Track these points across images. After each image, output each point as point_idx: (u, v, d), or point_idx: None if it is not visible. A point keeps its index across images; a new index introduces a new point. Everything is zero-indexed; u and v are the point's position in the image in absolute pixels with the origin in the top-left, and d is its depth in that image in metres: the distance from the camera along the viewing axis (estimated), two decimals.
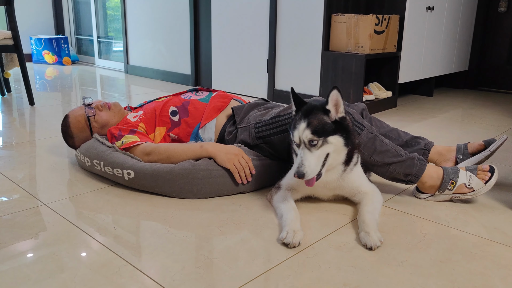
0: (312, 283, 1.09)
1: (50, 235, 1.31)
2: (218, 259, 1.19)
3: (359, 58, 2.94)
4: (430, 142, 1.85)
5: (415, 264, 1.18)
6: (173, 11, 4.31)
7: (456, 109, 3.34)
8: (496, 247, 1.28)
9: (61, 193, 1.63)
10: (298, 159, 1.32)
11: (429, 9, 3.38)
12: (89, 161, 1.75)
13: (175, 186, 1.57)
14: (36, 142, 2.27)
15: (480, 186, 1.52)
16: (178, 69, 4.41)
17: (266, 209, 1.51)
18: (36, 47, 5.64)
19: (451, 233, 1.36)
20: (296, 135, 1.33)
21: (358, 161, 1.50)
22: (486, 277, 1.12)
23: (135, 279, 1.09)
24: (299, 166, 1.30)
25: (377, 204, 1.46)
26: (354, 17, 2.98)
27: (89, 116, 1.87)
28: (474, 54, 4.22)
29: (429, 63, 3.61)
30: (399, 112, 3.19)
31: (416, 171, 1.54)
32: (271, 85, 3.47)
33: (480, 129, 2.70)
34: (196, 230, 1.35)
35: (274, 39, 3.36)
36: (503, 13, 4.04)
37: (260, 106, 1.87)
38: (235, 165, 1.59)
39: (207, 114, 1.84)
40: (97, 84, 4.29)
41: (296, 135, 1.33)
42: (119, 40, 5.36)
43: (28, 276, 1.10)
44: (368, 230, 1.28)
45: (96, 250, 1.23)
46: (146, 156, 1.67)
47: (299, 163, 1.30)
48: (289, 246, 1.24)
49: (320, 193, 1.54)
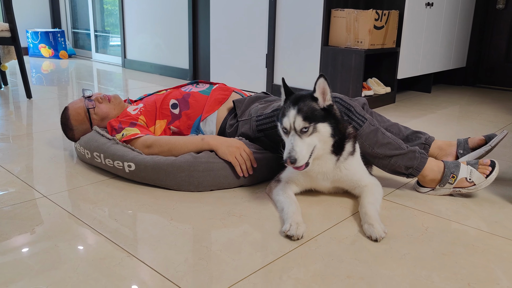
0: (315, 275, 1.08)
1: (51, 226, 1.30)
2: (221, 251, 1.18)
3: (358, 53, 2.94)
4: (431, 137, 1.85)
5: (417, 257, 1.18)
6: (171, 5, 4.29)
7: (454, 105, 3.34)
8: (498, 241, 1.28)
9: (61, 185, 1.62)
10: (289, 145, 1.31)
11: (428, 5, 3.38)
12: (89, 154, 1.74)
13: (176, 179, 1.56)
14: (33, 135, 2.25)
15: (481, 180, 1.52)
16: (176, 63, 4.39)
17: (268, 202, 1.51)
18: (32, 41, 5.59)
19: (452, 226, 1.36)
20: (286, 122, 1.32)
21: (354, 151, 1.48)
22: (489, 269, 1.13)
23: (137, 271, 1.09)
24: (291, 151, 1.29)
25: (378, 195, 1.46)
26: (353, 12, 2.97)
27: (89, 108, 1.86)
28: (472, 51, 4.22)
29: (427, 59, 3.61)
30: (397, 107, 3.20)
31: (418, 164, 1.54)
32: (270, 80, 3.46)
33: (478, 125, 2.71)
34: (198, 223, 1.35)
35: (273, 33, 3.35)
36: (501, 10, 4.05)
37: (261, 99, 1.86)
38: (236, 158, 1.58)
39: (208, 106, 1.83)
40: (94, 78, 4.26)
41: (286, 122, 1.32)
42: (116, 34, 5.33)
43: (30, 267, 1.09)
44: (372, 222, 1.28)
45: (98, 241, 1.22)
46: (147, 148, 1.66)
47: (290, 148, 1.30)
48: (292, 238, 1.24)
49: (320, 186, 1.54)
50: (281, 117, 1.36)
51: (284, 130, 1.35)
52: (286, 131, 1.34)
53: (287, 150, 1.31)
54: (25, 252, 1.16)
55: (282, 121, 1.35)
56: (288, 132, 1.33)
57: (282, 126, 1.35)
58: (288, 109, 1.34)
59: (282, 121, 1.35)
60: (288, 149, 1.30)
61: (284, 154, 1.31)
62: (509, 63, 4.09)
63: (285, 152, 1.31)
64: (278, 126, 1.40)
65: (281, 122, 1.36)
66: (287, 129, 1.33)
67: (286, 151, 1.30)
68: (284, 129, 1.34)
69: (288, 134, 1.33)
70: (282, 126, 1.35)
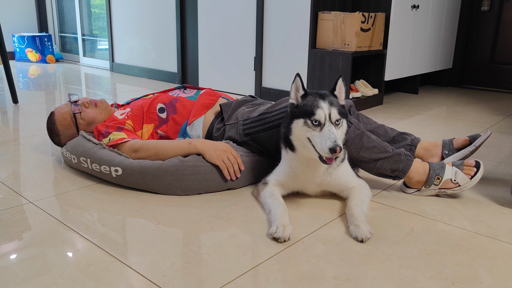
0: (302, 277, 1.09)
1: (36, 233, 1.29)
2: (208, 254, 1.19)
3: (345, 55, 2.96)
4: (417, 138, 1.87)
5: (403, 256, 1.19)
6: (159, 8, 4.28)
7: (440, 106, 3.38)
8: (482, 240, 1.30)
9: (47, 191, 1.61)
10: (328, 134, 1.30)
11: (414, 8, 3.42)
12: (76, 159, 1.73)
13: (164, 183, 1.56)
14: (20, 140, 2.23)
15: (465, 181, 1.54)
16: (165, 67, 4.38)
17: (255, 205, 1.51)
18: (19, 45, 5.54)
19: (437, 226, 1.38)
20: (321, 113, 1.33)
21: (345, 158, 1.51)
22: (473, 268, 1.14)
23: (124, 276, 1.08)
24: (336, 140, 1.27)
25: (365, 197, 1.47)
26: (340, 15, 3.00)
27: (75, 113, 1.85)
28: (458, 52, 4.28)
29: (414, 61, 3.65)
30: (385, 109, 3.22)
31: (403, 166, 1.56)
32: (258, 83, 3.47)
33: (464, 126, 2.74)
34: (185, 226, 1.35)
35: (261, 36, 3.37)
36: (486, 12, 4.11)
37: (248, 103, 1.87)
38: (223, 161, 1.59)
39: (195, 111, 1.83)
40: (82, 83, 4.24)
41: (321, 113, 1.33)
42: (104, 38, 5.31)
43: (15, 274, 1.08)
44: (358, 223, 1.29)
45: (84, 247, 1.22)
46: (134, 153, 1.66)
47: (333, 137, 1.28)
48: (279, 240, 1.25)
49: (307, 189, 1.55)
50: (311, 110, 1.34)
51: (315, 122, 1.33)
52: (317, 123, 1.33)
53: (328, 140, 1.29)
54: (11, 259, 1.15)
55: (314, 114, 1.33)
56: (321, 124, 1.33)
57: (313, 118, 1.33)
58: (318, 102, 1.35)
59: (314, 114, 1.33)
60: (331, 138, 1.28)
61: (322, 145, 1.29)
62: (494, 64, 4.15)
63: (327, 142, 1.28)
64: (297, 122, 1.37)
65: (310, 115, 1.34)
66: (320, 121, 1.33)
67: (328, 141, 1.28)
68: (315, 121, 1.33)
69: (319, 127, 1.33)
70: (313, 118, 1.33)
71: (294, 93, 1.42)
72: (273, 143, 1.64)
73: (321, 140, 1.30)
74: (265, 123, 1.64)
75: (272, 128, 1.62)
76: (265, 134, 1.65)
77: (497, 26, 4.06)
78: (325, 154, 1.30)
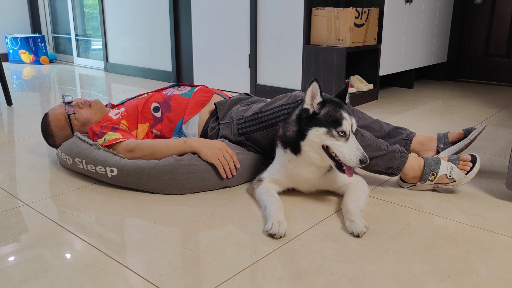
0: (299, 273, 1.09)
1: (33, 234, 1.29)
2: (205, 253, 1.19)
3: (340, 51, 2.96)
4: (412, 132, 1.87)
5: (399, 251, 1.20)
6: (152, 7, 4.27)
7: (436, 100, 3.39)
8: (478, 232, 1.30)
9: (43, 192, 1.60)
10: (355, 145, 1.33)
11: (407, 2, 3.42)
12: (71, 160, 1.73)
13: (160, 182, 1.56)
14: (15, 142, 2.22)
15: (461, 176, 1.54)
16: (159, 66, 4.37)
17: (251, 203, 1.51)
18: (12, 47, 5.52)
19: (433, 220, 1.38)
20: (346, 125, 1.34)
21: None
22: (469, 261, 1.15)
23: (121, 276, 1.08)
24: (364, 152, 1.32)
25: (361, 192, 1.47)
26: (334, 10, 2.99)
27: (70, 114, 1.84)
28: (452, 46, 4.29)
29: (408, 55, 3.65)
30: (380, 104, 3.23)
31: (398, 164, 1.56)
32: (253, 80, 3.47)
33: (459, 119, 2.75)
34: (182, 225, 1.35)
35: (255, 34, 3.36)
36: (479, 5, 4.11)
37: (243, 101, 1.86)
38: (219, 159, 1.59)
39: (190, 109, 1.83)
40: (77, 83, 4.22)
41: (346, 125, 1.34)
42: (98, 38, 5.29)
43: (12, 277, 1.08)
44: (353, 218, 1.30)
45: (81, 248, 1.22)
46: (130, 152, 1.66)
47: (361, 149, 1.32)
48: (275, 236, 1.25)
49: (302, 187, 1.55)
50: (336, 120, 1.34)
51: (341, 133, 1.34)
52: (343, 134, 1.34)
53: (358, 151, 1.32)
54: (7, 262, 1.15)
55: (341, 124, 1.34)
56: (346, 135, 1.34)
57: (339, 129, 1.33)
58: (342, 113, 1.35)
59: (341, 124, 1.34)
60: (360, 150, 1.32)
61: (350, 155, 1.32)
62: (488, 57, 4.16)
63: (356, 153, 1.32)
64: (318, 130, 1.36)
65: (335, 126, 1.34)
66: (345, 132, 1.34)
67: (357, 152, 1.32)
68: (342, 132, 1.34)
69: (344, 138, 1.34)
70: (339, 129, 1.33)
71: (309, 99, 1.39)
72: (267, 142, 1.64)
73: (349, 151, 1.33)
74: (258, 122, 1.64)
75: (266, 128, 1.62)
76: (259, 134, 1.65)
77: (491, 19, 4.07)
78: (352, 164, 1.32)
